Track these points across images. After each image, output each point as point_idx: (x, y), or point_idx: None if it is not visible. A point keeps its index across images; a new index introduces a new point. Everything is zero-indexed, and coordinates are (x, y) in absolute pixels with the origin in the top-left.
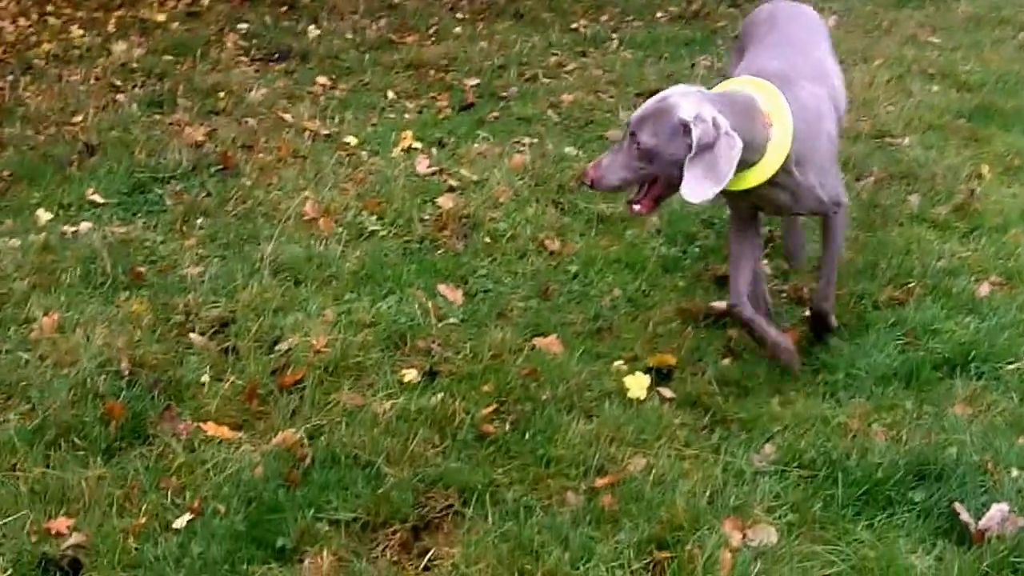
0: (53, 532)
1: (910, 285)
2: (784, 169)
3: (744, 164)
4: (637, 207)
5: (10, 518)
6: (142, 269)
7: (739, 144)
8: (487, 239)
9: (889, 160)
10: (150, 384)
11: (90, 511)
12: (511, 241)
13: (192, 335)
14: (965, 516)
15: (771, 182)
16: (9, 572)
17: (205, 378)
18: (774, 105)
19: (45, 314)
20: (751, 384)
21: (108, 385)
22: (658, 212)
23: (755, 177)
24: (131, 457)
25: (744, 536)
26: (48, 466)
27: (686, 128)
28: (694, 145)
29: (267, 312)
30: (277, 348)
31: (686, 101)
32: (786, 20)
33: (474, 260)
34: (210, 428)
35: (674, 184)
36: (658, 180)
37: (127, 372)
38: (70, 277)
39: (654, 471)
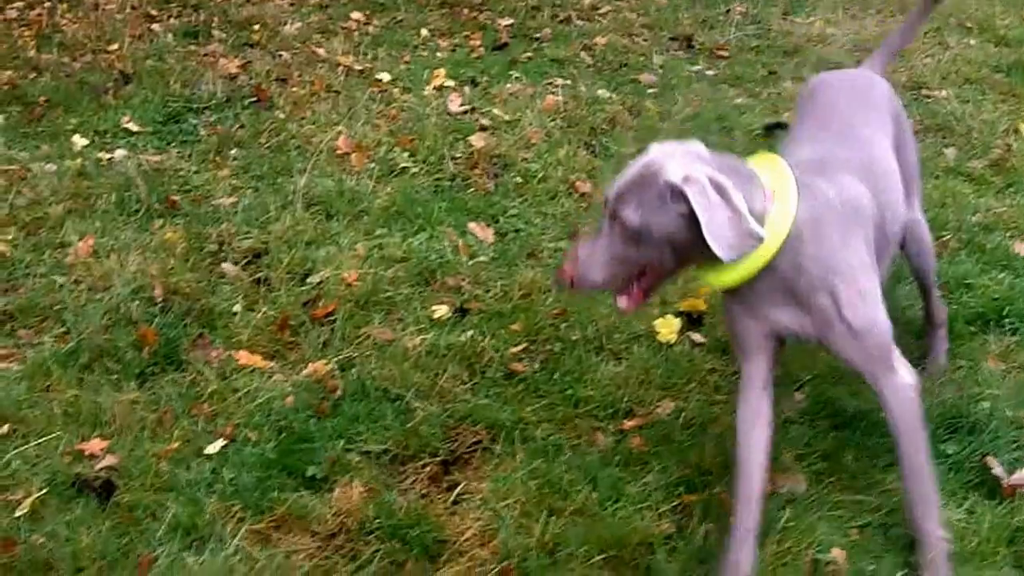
0: (86, 454)
1: (945, 238)
2: (787, 250)
3: None
4: (624, 303)
5: (44, 438)
6: (176, 198)
7: (743, 199)
8: (518, 179)
9: (925, 112)
10: (183, 311)
11: (123, 434)
12: (542, 182)
13: (225, 265)
14: (997, 470)
15: (777, 272)
16: (44, 491)
17: (237, 307)
18: (779, 182)
19: (80, 239)
20: None
21: (141, 311)
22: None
23: (751, 260)
24: (164, 382)
25: (773, 483)
26: (82, 388)
27: (675, 193)
28: (696, 209)
29: (299, 244)
30: (309, 280)
31: (672, 162)
32: (839, 99)
33: (505, 200)
34: (242, 357)
35: (668, 270)
36: (648, 267)
37: (160, 299)
38: (105, 203)
39: (684, 415)
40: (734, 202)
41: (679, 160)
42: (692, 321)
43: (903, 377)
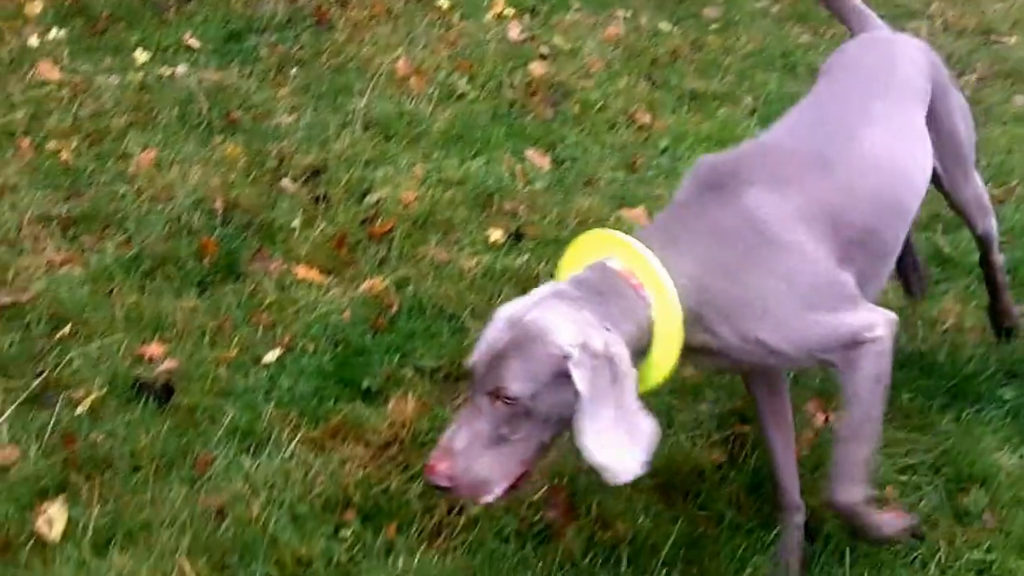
0: (147, 357)
1: (1011, 184)
2: (691, 331)
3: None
4: (498, 495)
5: (106, 340)
6: (237, 114)
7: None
8: (577, 108)
9: (994, 58)
10: (243, 224)
11: (183, 340)
12: (601, 112)
13: (284, 181)
14: None
15: (697, 353)
16: (104, 391)
17: (296, 223)
18: (638, 265)
19: (142, 150)
20: None
21: (202, 222)
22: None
23: (665, 361)
24: (224, 292)
25: (827, 418)
26: (143, 294)
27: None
28: (584, 391)
29: (358, 164)
30: (367, 199)
31: (559, 320)
32: (845, 71)
33: (563, 128)
34: (300, 271)
35: (559, 441)
36: (531, 449)
37: (221, 211)
38: (166, 117)
39: None
40: (625, 396)
41: (563, 315)
42: None
43: (876, 340)
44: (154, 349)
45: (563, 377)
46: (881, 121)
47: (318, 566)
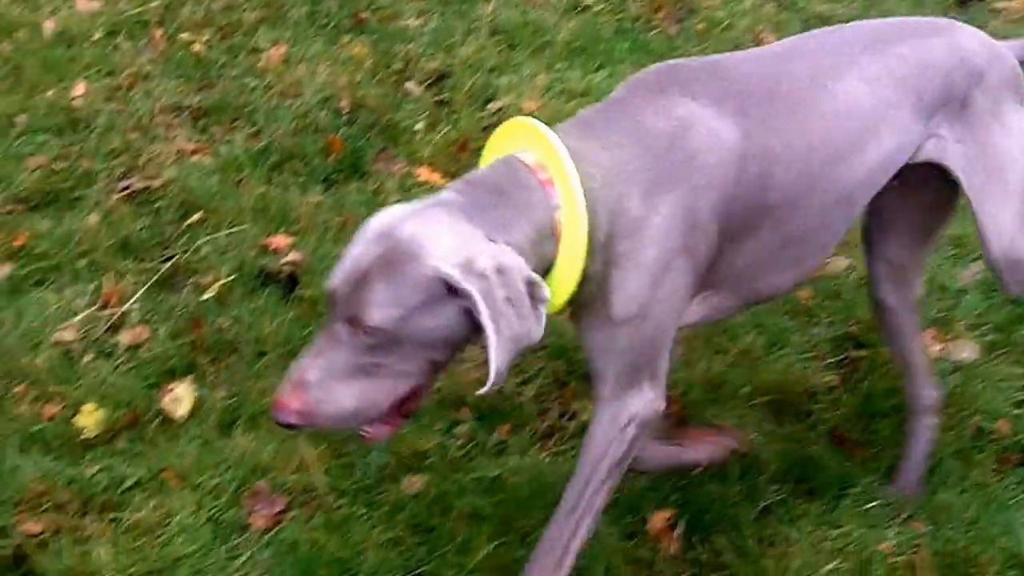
0: (272, 248)
1: None
2: (607, 243)
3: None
4: (375, 432)
5: (233, 229)
6: (364, 15)
7: (526, 271)
8: (702, 26)
9: None
10: (368, 124)
11: (307, 233)
12: (726, 31)
13: (409, 84)
14: None
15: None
16: (231, 278)
17: (419, 126)
18: (550, 159)
19: (272, 46)
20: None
21: (329, 120)
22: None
23: (570, 275)
24: (348, 189)
25: (943, 348)
26: (270, 186)
27: (451, 288)
28: (482, 313)
29: (483, 70)
30: (490, 106)
31: (438, 233)
32: (856, 25)
33: (686, 45)
34: (423, 173)
35: (440, 371)
36: (409, 377)
37: (347, 110)
38: (297, 14)
39: (854, 273)
40: (523, 308)
41: (437, 228)
42: None
43: (636, 404)
44: (280, 241)
45: (440, 298)
46: (856, 75)
47: (434, 460)
